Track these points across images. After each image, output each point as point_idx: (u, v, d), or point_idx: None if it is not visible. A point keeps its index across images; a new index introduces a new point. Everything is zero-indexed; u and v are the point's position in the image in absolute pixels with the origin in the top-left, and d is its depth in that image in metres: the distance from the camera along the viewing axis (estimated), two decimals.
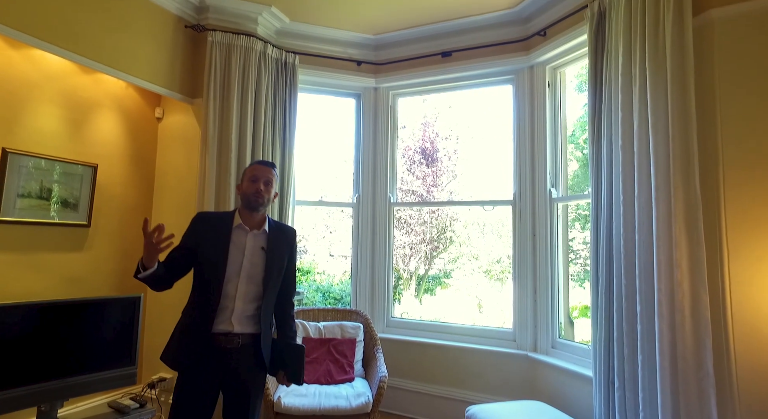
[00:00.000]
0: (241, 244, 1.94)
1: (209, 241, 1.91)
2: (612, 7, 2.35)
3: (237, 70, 3.09)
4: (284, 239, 2.07)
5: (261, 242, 1.99)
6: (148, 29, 2.88)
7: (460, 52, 3.35)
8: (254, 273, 1.93)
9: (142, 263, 1.72)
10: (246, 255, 1.93)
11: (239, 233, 1.96)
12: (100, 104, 2.98)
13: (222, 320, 1.86)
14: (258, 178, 1.98)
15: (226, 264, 1.88)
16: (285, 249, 2.06)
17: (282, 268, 2.04)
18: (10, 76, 2.49)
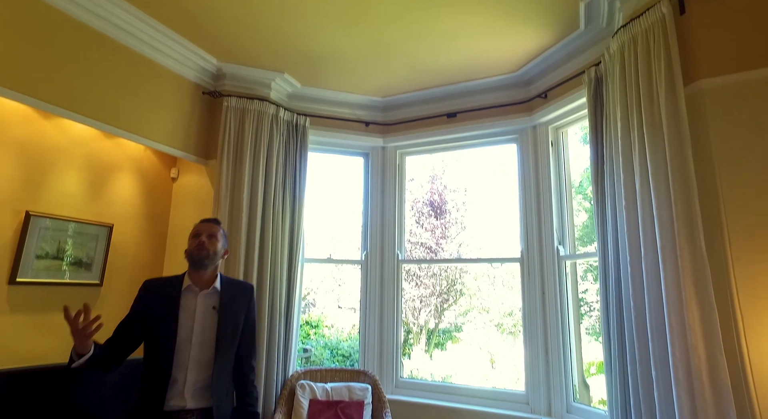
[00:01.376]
0: (190, 308, 1.84)
1: (157, 309, 1.83)
2: (608, 74, 2.46)
3: (250, 133, 3.23)
4: (239, 296, 1.98)
5: (212, 301, 1.89)
6: (170, 97, 3.06)
7: (465, 113, 3.49)
8: (207, 337, 1.82)
9: (75, 351, 1.60)
10: (197, 318, 1.83)
11: (188, 295, 1.88)
12: (119, 166, 3.11)
13: (174, 395, 1.73)
14: (200, 233, 1.94)
15: (176, 331, 1.77)
16: (241, 307, 1.96)
17: (237, 329, 1.92)
18: (41, 144, 2.64)
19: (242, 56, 3.16)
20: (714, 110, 1.96)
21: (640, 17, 2.20)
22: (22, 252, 2.52)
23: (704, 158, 1.97)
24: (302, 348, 6.28)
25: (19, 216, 2.53)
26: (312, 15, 2.65)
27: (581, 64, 2.85)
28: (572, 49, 2.88)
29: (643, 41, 2.18)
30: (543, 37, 2.83)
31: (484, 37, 2.83)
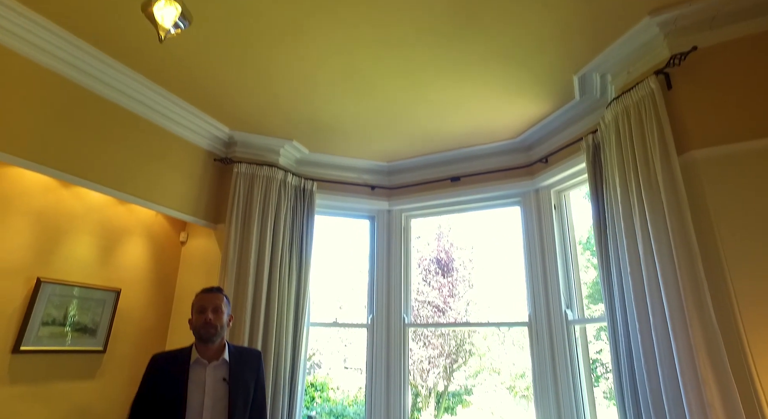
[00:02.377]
0: (200, 381, 1.86)
1: (166, 384, 1.84)
2: (604, 142, 2.55)
3: (258, 198, 3.32)
4: (248, 365, 1.99)
5: (222, 373, 1.90)
6: (183, 164, 3.19)
7: (469, 177, 3.58)
8: (219, 410, 1.82)
9: None
10: (207, 391, 1.84)
11: (197, 369, 1.89)
12: (130, 231, 3.18)
13: None
14: (205, 308, 1.96)
15: (185, 406, 1.78)
16: (250, 376, 1.97)
17: (248, 398, 1.92)
18: (58, 212, 2.73)
19: (253, 125, 3.32)
20: (709, 178, 2.01)
21: (631, 91, 2.32)
22: (29, 319, 2.52)
23: (704, 224, 1.99)
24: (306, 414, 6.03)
25: (30, 283, 2.57)
26: (319, 86, 2.81)
27: (579, 130, 2.96)
28: (569, 117, 3.00)
29: (636, 113, 2.28)
30: (541, 106, 2.97)
31: (484, 106, 2.97)
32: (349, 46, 2.42)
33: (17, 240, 2.53)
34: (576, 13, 2.16)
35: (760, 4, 2.00)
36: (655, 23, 2.18)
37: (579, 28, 2.26)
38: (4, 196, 2.49)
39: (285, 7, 2.16)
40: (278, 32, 2.33)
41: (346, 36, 2.35)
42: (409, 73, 2.64)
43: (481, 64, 2.54)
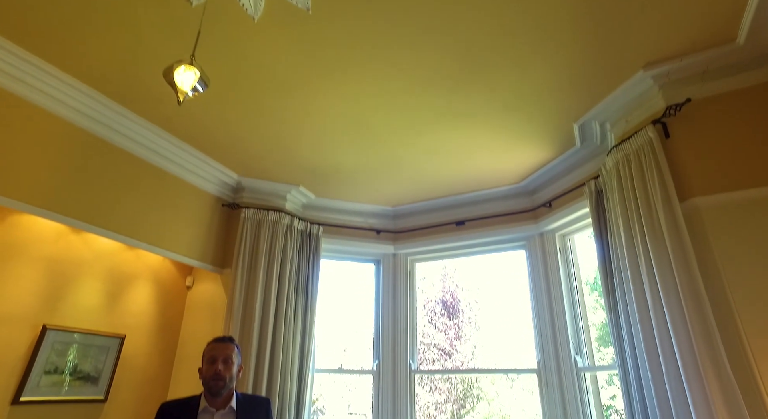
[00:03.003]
0: None
1: None
2: (607, 188, 2.59)
3: (265, 243, 3.35)
4: (256, 412, 2.02)
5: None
6: (191, 210, 3.24)
7: (473, 221, 3.61)
8: None
9: None
10: None
11: (205, 417, 1.92)
12: (138, 277, 3.20)
13: None
14: (216, 358, 1.98)
15: None
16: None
17: None
18: (67, 259, 2.76)
19: (261, 171, 3.40)
20: (712, 225, 2.03)
21: (630, 139, 2.38)
22: (32, 368, 2.50)
23: (711, 271, 1.99)
24: None
25: (36, 330, 2.56)
26: (326, 135, 2.90)
27: (581, 176, 3.01)
28: (571, 163, 3.06)
29: (636, 160, 2.33)
30: (543, 151, 3.04)
31: (487, 152, 3.05)
32: (356, 98, 2.52)
33: (27, 287, 2.55)
34: (573, 66, 2.25)
35: (745, 61, 2.10)
36: (649, 76, 2.27)
37: (577, 81, 2.36)
38: (17, 244, 2.54)
39: (294, 64, 2.27)
40: (287, 86, 2.44)
41: (352, 89, 2.45)
42: (413, 122, 2.73)
43: (483, 113, 2.63)
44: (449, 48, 2.15)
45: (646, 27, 2.00)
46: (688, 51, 2.14)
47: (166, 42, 2.15)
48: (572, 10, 1.91)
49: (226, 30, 2.07)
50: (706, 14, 1.93)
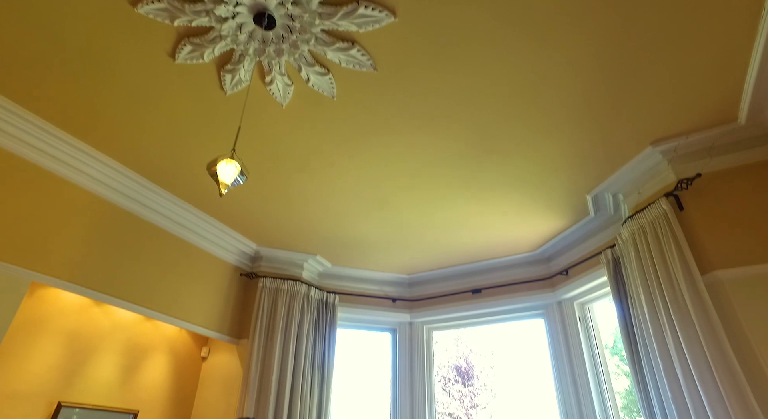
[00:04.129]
0: None
1: None
2: (624, 258, 2.61)
3: (282, 313, 3.34)
4: None
5: None
6: (210, 280, 3.28)
7: (489, 289, 3.60)
8: None
9: None
10: None
11: None
12: (154, 348, 3.17)
13: None
14: None
15: None
16: None
17: None
18: (88, 332, 2.77)
19: (278, 241, 3.47)
20: (739, 299, 2.02)
21: (644, 210, 2.44)
22: None
23: (743, 346, 1.95)
24: None
25: (51, 408, 2.52)
26: (342, 206, 2.99)
27: (597, 244, 3.04)
28: (586, 232, 3.10)
29: (652, 232, 2.37)
30: (558, 221, 3.09)
31: (502, 222, 3.11)
32: (374, 175, 2.64)
33: (46, 362, 2.54)
34: (583, 143, 2.37)
35: (749, 139, 2.20)
36: (658, 151, 2.37)
37: (588, 155, 2.46)
38: (42, 318, 2.56)
39: (317, 145, 2.41)
40: (309, 164, 2.56)
41: (371, 167, 2.57)
42: (430, 196, 2.83)
43: (498, 185, 2.73)
44: (464, 130, 2.28)
45: (652, 107, 2.13)
46: (693, 129, 2.25)
47: (201, 128, 2.31)
48: (581, 93, 2.05)
49: (254, 114, 2.22)
50: (707, 96, 2.05)
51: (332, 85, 2.02)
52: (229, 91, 2.07)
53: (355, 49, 1.83)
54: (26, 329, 2.49)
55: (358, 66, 1.91)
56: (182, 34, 1.82)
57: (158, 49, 1.88)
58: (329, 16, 1.69)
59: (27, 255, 2.23)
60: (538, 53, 1.85)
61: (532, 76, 1.96)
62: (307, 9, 1.67)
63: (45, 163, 2.38)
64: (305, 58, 1.89)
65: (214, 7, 1.67)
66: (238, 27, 1.76)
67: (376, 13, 1.68)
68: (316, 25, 1.73)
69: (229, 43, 1.83)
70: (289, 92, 2.08)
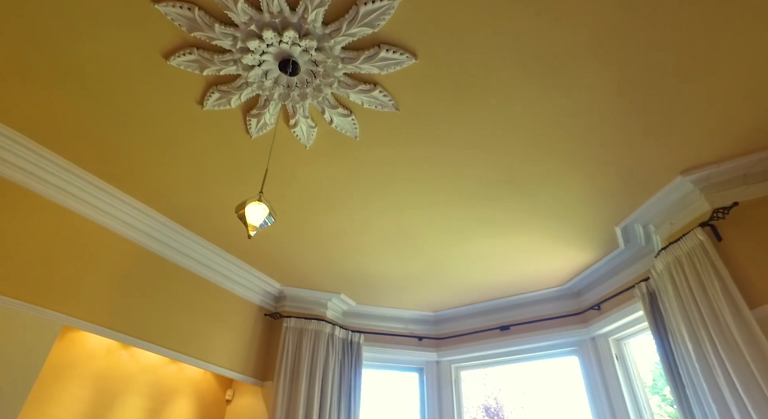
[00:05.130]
0: None
1: None
2: (660, 291, 2.50)
3: (307, 353, 3.28)
4: None
5: None
6: (235, 320, 3.26)
7: (518, 325, 3.48)
8: None
9: None
10: None
11: None
12: (179, 391, 3.13)
13: None
14: None
15: None
16: None
17: None
18: (113, 374, 2.76)
19: (302, 280, 3.45)
20: None
21: (679, 241, 2.34)
22: None
23: None
24: None
25: None
26: (366, 245, 2.97)
27: (629, 277, 2.93)
28: (617, 265, 3.00)
29: (689, 263, 2.27)
30: (586, 254, 3.00)
31: (529, 256, 3.03)
32: (397, 211, 2.63)
33: (73, 408, 2.52)
34: (609, 174, 2.32)
35: None
36: (689, 181, 2.31)
37: (615, 186, 2.41)
38: (70, 362, 2.57)
39: (338, 183, 2.42)
40: (331, 203, 2.58)
41: (394, 203, 2.56)
42: (455, 231, 2.79)
43: (523, 219, 2.68)
44: (487, 165, 2.27)
45: (681, 135, 2.08)
46: (725, 157, 2.19)
47: (227, 171, 2.36)
48: (607, 124, 2.03)
49: (279, 156, 2.26)
50: (739, 123, 2.00)
51: (355, 126, 2.05)
52: (254, 135, 2.12)
53: (377, 90, 1.86)
54: (56, 373, 2.49)
55: (381, 107, 1.94)
56: (211, 82, 1.88)
57: (187, 97, 1.95)
58: (352, 61, 1.74)
59: (59, 299, 2.26)
60: (563, 86, 1.84)
61: (556, 110, 1.95)
62: (331, 54, 1.72)
63: (77, 207, 2.44)
64: (328, 101, 1.93)
65: (242, 56, 1.73)
66: (264, 74, 1.82)
67: (398, 55, 1.72)
68: (339, 69, 1.78)
69: (255, 89, 1.88)
70: (313, 134, 2.12)
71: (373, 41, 1.69)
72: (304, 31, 1.64)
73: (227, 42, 1.68)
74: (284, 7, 1.56)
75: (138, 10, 1.60)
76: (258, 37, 1.66)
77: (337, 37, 1.65)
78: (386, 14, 1.58)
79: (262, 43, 1.68)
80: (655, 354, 3.06)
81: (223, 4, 1.56)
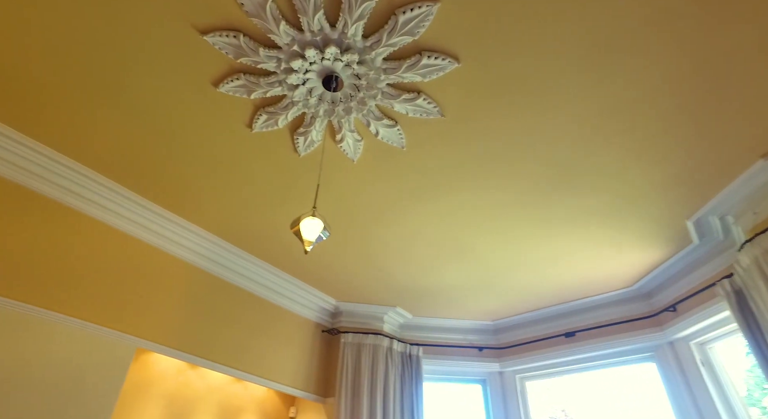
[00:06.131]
0: None
1: None
2: (749, 288, 2.27)
3: (366, 368, 3.26)
4: None
5: None
6: (293, 338, 3.30)
7: (585, 331, 3.29)
8: None
9: None
10: None
11: None
12: (245, 409, 3.19)
13: None
14: None
15: None
16: None
17: None
18: (185, 394, 2.86)
19: (357, 295, 3.45)
20: None
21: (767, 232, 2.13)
22: None
23: None
24: None
25: None
26: (418, 255, 2.92)
27: (708, 275, 2.70)
28: (691, 261, 2.78)
29: None
30: (655, 251, 2.80)
31: (591, 257, 2.87)
32: (449, 217, 2.57)
33: None
34: (678, 162, 2.15)
35: None
36: None
37: (685, 176, 2.23)
38: (144, 382, 2.68)
39: (388, 194, 2.40)
40: (382, 214, 2.56)
41: (443, 209, 2.51)
42: (508, 235, 2.69)
43: (583, 218, 2.54)
44: (539, 167, 2.17)
45: (761, 115, 1.90)
46: None
47: (278, 191, 2.40)
48: (673, 110, 1.89)
49: (327, 171, 2.27)
50: None
51: (401, 136, 2.03)
52: (302, 153, 2.15)
53: (421, 98, 1.84)
54: (134, 392, 2.61)
55: (425, 114, 1.91)
56: (258, 105, 1.93)
57: (237, 121, 2.01)
58: (394, 70, 1.72)
59: (132, 322, 2.37)
60: (624, 73, 1.74)
61: (617, 99, 1.84)
62: (372, 67, 1.72)
63: (144, 235, 2.57)
64: (373, 113, 1.92)
65: (286, 77, 1.76)
66: (309, 92, 1.84)
67: (440, 61, 1.68)
68: (382, 80, 1.77)
69: (301, 107, 1.91)
70: (360, 147, 2.12)
71: (414, 49, 1.67)
72: (345, 45, 1.65)
73: (272, 64, 1.72)
74: (324, 24, 1.58)
75: (188, 43, 1.68)
76: (301, 56, 1.69)
77: (378, 48, 1.64)
78: (426, 20, 1.56)
79: (305, 62, 1.70)
80: (748, 360, 2.80)
81: (267, 28, 1.59)
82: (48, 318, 2.06)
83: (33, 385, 1.93)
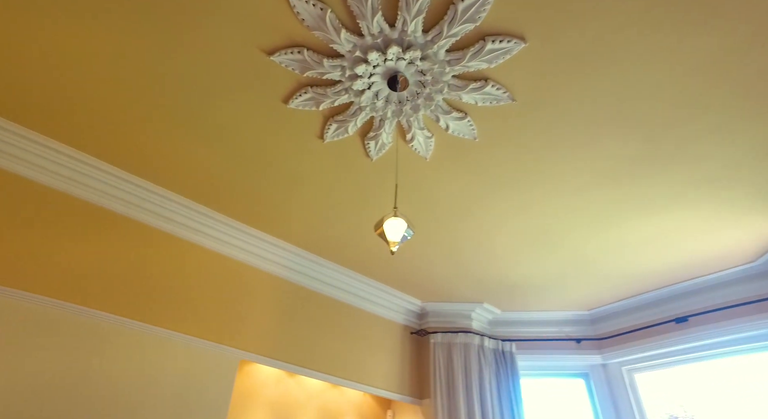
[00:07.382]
0: None
1: None
2: None
3: (459, 367, 3.20)
4: None
5: None
6: (383, 342, 3.33)
7: (698, 316, 2.99)
8: None
9: None
10: None
11: None
12: (343, 414, 3.27)
13: None
14: None
15: None
16: None
17: None
18: (286, 401, 2.99)
19: (442, 294, 3.41)
20: None
21: None
22: None
23: None
24: None
25: None
26: (503, 248, 2.82)
27: None
28: None
29: None
30: None
31: (697, 233, 2.60)
32: (529, 206, 2.45)
33: None
34: None
35: None
36: None
37: None
38: (249, 392, 2.84)
39: (464, 188, 2.35)
40: (460, 209, 2.50)
41: (522, 199, 2.40)
42: (599, 219, 2.51)
43: (690, 191, 2.29)
44: (625, 141, 2.00)
45: None
46: None
47: (355, 197, 2.45)
48: None
49: (402, 172, 2.27)
50: None
51: (472, 127, 1.98)
52: (374, 157, 2.17)
53: (490, 85, 1.77)
54: (241, 403, 2.78)
55: (496, 101, 1.84)
56: (327, 115, 1.98)
57: (309, 134, 2.07)
58: (458, 61, 1.68)
59: (233, 336, 2.53)
60: (714, 24, 1.56)
61: (707, 55, 1.65)
62: (436, 60, 1.69)
63: (235, 253, 2.75)
64: (441, 108, 1.89)
65: (352, 83, 1.79)
66: (375, 95, 1.86)
67: (505, 44, 1.62)
68: (447, 72, 1.74)
69: (369, 112, 1.93)
70: (431, 144, 2.09)
71: (477, 36, 1.62)
72: (406, 43, 1.64)
73: (336, 73, 1.76)
74: (383, 25, 1.58)
75: (257, 66, 1.76)
76: (364, 61, 1.70)
77: (439, 41, 1.61)
78: (486, 4, 1.50)
79: (369, 66, 1.72)
80: None
81: (328, 39, 1.63)
82: (167, 336, 2.26)
83: (158, 398, 2.13)
